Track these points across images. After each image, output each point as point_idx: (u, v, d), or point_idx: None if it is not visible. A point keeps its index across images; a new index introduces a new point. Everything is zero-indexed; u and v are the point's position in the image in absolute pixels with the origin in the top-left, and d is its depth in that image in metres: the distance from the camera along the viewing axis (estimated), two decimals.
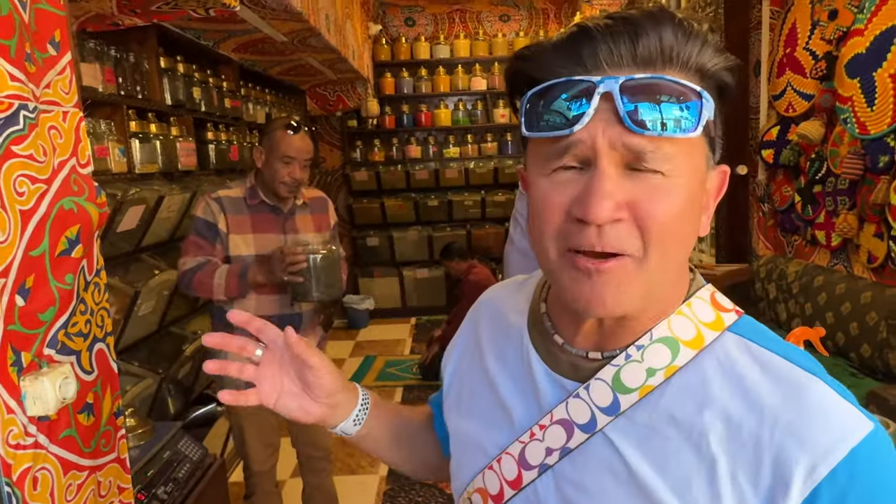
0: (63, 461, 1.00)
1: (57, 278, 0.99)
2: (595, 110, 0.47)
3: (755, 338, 0.53)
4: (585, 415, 0.54)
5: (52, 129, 1.02)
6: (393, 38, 5.59)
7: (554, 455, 0.56)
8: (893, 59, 2.45)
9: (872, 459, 0.46)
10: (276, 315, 1.93)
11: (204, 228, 1.87)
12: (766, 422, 0.48)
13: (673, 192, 0.48)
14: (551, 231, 0.51)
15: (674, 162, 0.48)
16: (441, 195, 5.61)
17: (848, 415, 0.48)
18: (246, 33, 2.90)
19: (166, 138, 2.41)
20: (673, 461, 0.50)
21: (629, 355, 0.54)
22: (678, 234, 0.49)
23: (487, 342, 0.67)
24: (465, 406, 0.67)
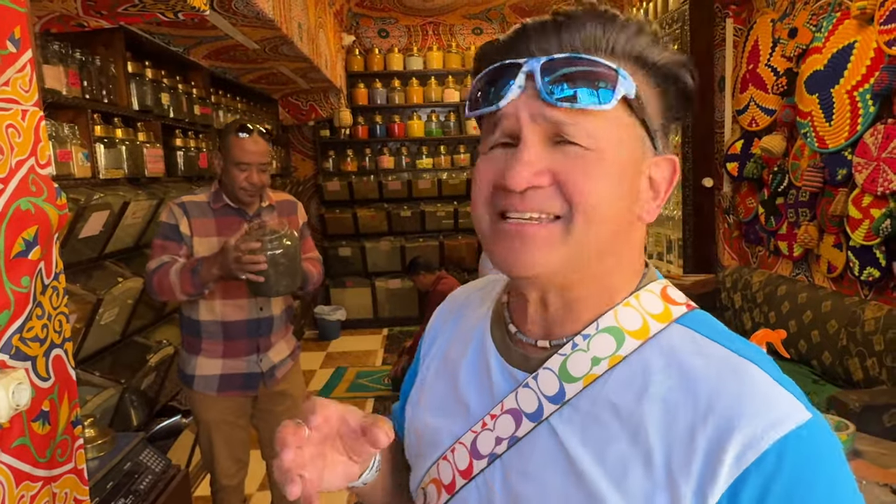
0: (15, 471, 0.96)
1: (12, 280, 0.96)
2: (521, 88, 0.51)
3: (702, 329, 0.54)
4: (533, 404, 0.55)
5: (9, 128, 0.99)
6: (366, 48, 5.60)
7: (503, 444, 0.56)
8: (850, 76, 2.55)
9: (804, 448, 0.46)
10: (244, 320, 1.89)
11: (168, 230, 1.84)
12: (701, 409, 0.49)
13: (594, 164, 0.50)
14: (482, 200, 0.54)
15: (594, 136, 0.50)
16: (414, 206, 5.61)
17: (784, 402, 0.48)
18: (217, 40, 2.88)
19: (133, 144, 2.37)
20: (611, 449, 0.51)
21: (575, 344, 0.55)
22: (604, 205, 0.51)
23: (451, 339, 0.68)
24: (426, 400, 0.67)
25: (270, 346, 1.96)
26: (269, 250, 1.67)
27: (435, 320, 0.73)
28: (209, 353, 1.90)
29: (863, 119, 2.47)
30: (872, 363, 2.29)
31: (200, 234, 1.85)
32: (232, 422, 1.97)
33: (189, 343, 1.94)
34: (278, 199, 2.01)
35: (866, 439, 1.40)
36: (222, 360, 1.90)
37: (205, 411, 1.94)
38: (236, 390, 1.93)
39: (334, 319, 5.39)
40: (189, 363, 1.93)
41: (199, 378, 1.91)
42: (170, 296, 1.77)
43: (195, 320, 1.89)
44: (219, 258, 1.70)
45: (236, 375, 1.92)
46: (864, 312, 2.39)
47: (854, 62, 2.52)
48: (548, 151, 0.51)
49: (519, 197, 0.51)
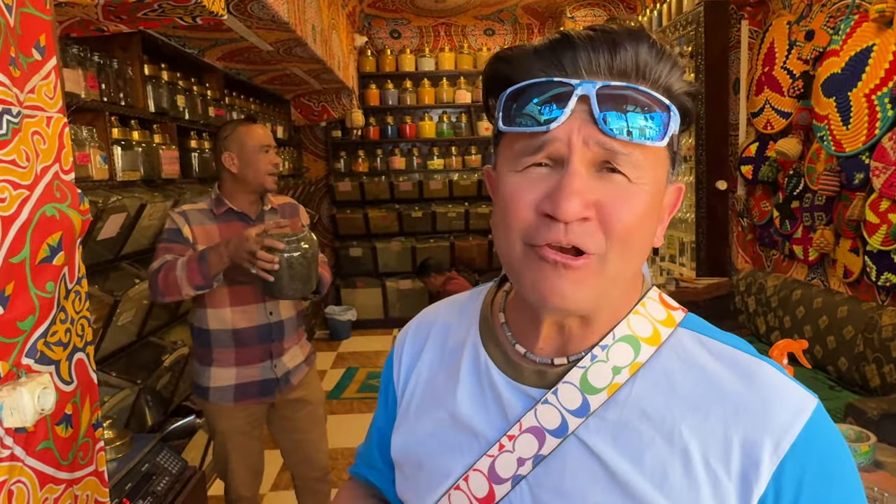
0: (39, 474, 0.98)
1: (37, 286, 0.97)
2: (572, 111, 0.49)
3: (704, 331, 0.57)
4: (556, 419, 0.54)
5: (35, 135, 1.00)
6: (378, 49, 5.61)
7: (526, 464, 0.55)
8: (868, 80, 2.52)
9: (822, 429, 0.51)
10: (254, 326, 1.87)
11: (172, 234, 1.81)
12: (730, 407, 0.51)
13: (637, 197, 0.51)
14: (519, 226, 0.52)
15: (640, 169, 0.50)
16: (425, 206, 5.62)
17: (797, 392, 0.52)
18: (231, 42, 2.89)
19: (149, 146, 2.39)
20: (647, 453, 0.51)
21: (595, 356, 0.55)
22: (638, 239, 0.52)
23: (433, 365, 0.65)
24: (419, 433, 0.63)
25: (284, 352, 1.94)
26: (287, 252, 1.64)
27: (404, 345, 0.69)
28: (222, 363, 1.88)
29: (881, 123, 2.45)
30: (890, 370, 2.26)
31: (204, 241, 1.82)
32: (248, 432, 1.95)
33: (201, 355, 1.91)
34: (279, 203, 2.01)
35: (887, 450, 1.38)
36: (236, 369, 1.88)
37: (221, 422, 1.92)
38: (253, 398, 1.92)
39: (345, 320, 5.41)
40: (203, 375, 1.91)
41: (215, 390, 1.89)
42: (175, 293, 1.70)
43: (205, 330, 1.87)
44: (232, 244, 1.65)
45: (251, 383, 1.90)
46: (881, 318, 2.37)
47: (872, 65, 2.49)
48: (593, 180, 0.50)
49: (564, 229, 0.49)
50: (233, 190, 1.88)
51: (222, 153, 1.86)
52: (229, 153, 1.85)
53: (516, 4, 5.28)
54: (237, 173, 1.86)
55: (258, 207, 1.93)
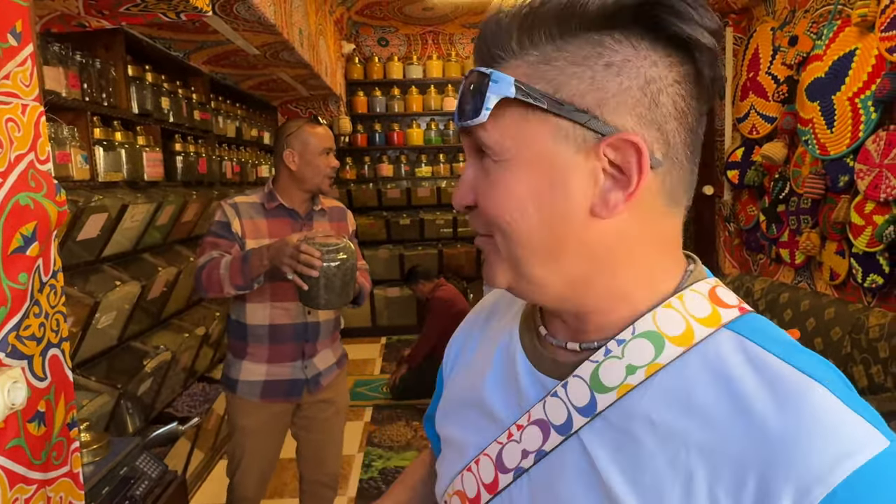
0: (9, 473, 0.93)
1: (9, 276, 0.94)
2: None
3: (756, 337, 0.47)
4: (562, 415, 0.51)
5: (9, 122, 0.97)
6: (366, 57, 5.62)
7: (529, 458, 0.52)
8: (851, 83, 2.55)
9: (882, 483, 0.39)
10: (290, 324, 1.87)
11: (220, 228, 1.82)
12: (754, 432, 0.42)
13: (504, 176, 0.48)
14: None
15: (491, 145, 0.48)
16: (413, 214, 5.60)
17: (855, 428, 0.40)
18: (218, 45, 2.87)
19: (132, 147, 2.35)
20: (646, 470, 0.45)
21: (609, 350, 0.49)
22: (508, 216, 0.48)
23: (478, 346, 0.65)
24: (450, 409, 0.65)
25: (316, 353, 1.93)
26: (325, 261, 1.61)
27: (463, 325, 0.71)
28: (254, 358, 1.88)
29: (864, 126, 2.47)
30: (878, 370, 2.27)
31: (252, 235, 1.83)
32: (268, 431, 1.94)
33: (235, 347, 1.92)
34: (329, 205, 2.02)
35: None
36: (267, 366, 1.88)
37: (244, 416, 1.91)
38: (280, 397, 1.91)
39: None
40: (234, 367, 1.91)
41: (243, 383, 1.88)
42: (217, 291, 1.73)
43: (242, 324, 1.87)
44: (273, 248, 1.66)
45: (280, 382, 1.89)
46: (868, 319, 2.37)
47: (855, 69, 2.52)
48: (478, 172, 0.51)
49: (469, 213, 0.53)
50: (288, 187, 1.89)
51: (284, 150, 1.87)
52: (291, 150, 1.86)
53: None
54: (296, 171, 1.86)
55: (309, 207, 1.94)
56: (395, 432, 3.50)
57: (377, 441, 3.38)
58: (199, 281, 1.75)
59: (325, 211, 1.98)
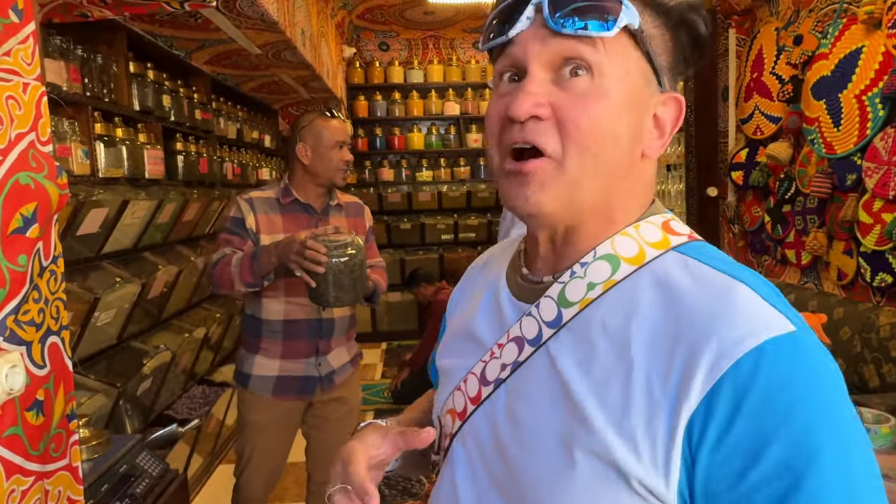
0: (6, 462, 0.90)
1: (8, 258, 0.90)
2: (529, 20, 0.53)
3: (698, 256, 0.55)
4: (534, 330, 0.58)
5: (10, 99, 0.94)
6: (367, 61, 5.61)
7: (507, 370, 0.59)
8: (858, 81, 2.53)
9: (783, 356, 0.46)
10: (304, 320, 1.85)
11: (234, 225, 1.82)
12: (683, 323, 0.49)
13: (595, 97, 0.52)
14: (493, 137, 0.56)
15: (598, 66, 0.52)
16: (413, 218, 5.57)
17: (767, 314, 0.48)
18: (220, 43, 2.85)
19: (133, 144, 2.32)
20: (597, 365, 0.52)
21: (574, 272, 0.57)
22: (600, 139, 0.52)
23: (474, 290, 0.72)
24: (447, 344, 0.71)
25: (330, 350, 1.90)
26: (333, 257, 1.59)
27: (464, 278, 0.78)
28: (268, 353, 1.86)
29: (872, 123, 2.45)
30: (889, 369, 2.23)
31: (267, 231, 1.82)
32: (279, 428, 1.90)
33: (248, 342, 1.90)
34: (346, 201, 1.99)
35: None
36: (280, 362, 1.85)
37: (255, 412, 1.88)
38: (292, 394, 1.88)
39: None
40: (246, 362, 1.89)
41: (256, 378, 1.86)
42: (229, 287, 1.72)
43: (257, 318, 1.85)
44: (280, 245, 1.65)
45: (293, 378, 1.87)
46: (878, 318, 2.34)
47: (862, 67, 2.50)
48: (552, 85, 0.53)
49: (519, 127, 0.53)
50: (302, 181, 1.87)
51: (297, 143, 1.85)
52: (304, 144, 1.84)
53: None
54: (308, 165, 1.84)
55: (325, 202, 1.92)
56: None
57: None
58: (212, 277, 1.75)
59: (342, 206, 1.96)
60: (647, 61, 0.54)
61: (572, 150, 0.52)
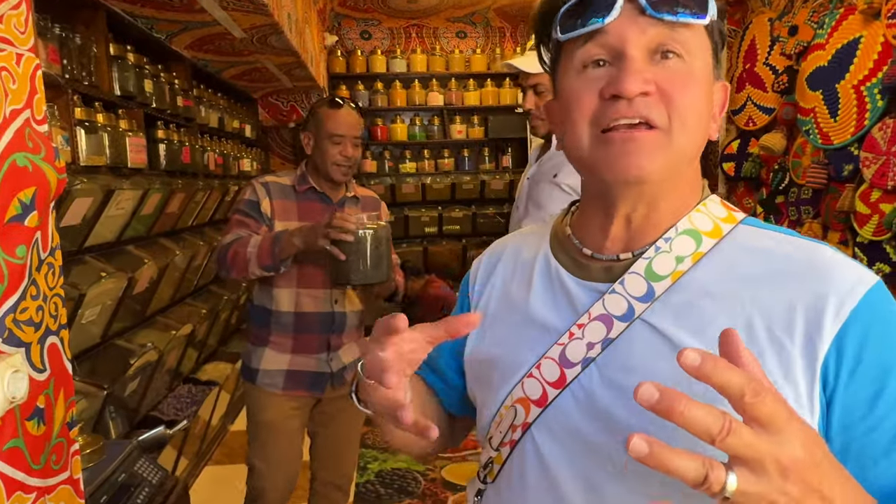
0: (7, 480, 0.80)
1: (6, 250, 0.80)
2: (621, 8, 0.56)
3: (764, 227, 0.62)
4: (622, 306, 0.59)
5: (2, 71, 0.84)
6: (348, 50, 5.48)
7: (596, 348, 0.60)
8: (856, 71, 2.53)
9: (885, 298, 0.55)
10: (316, 313, 1.77)
11: (249, 207, 1.74)
12: (792, 277, 0.56)
13: (690, 75, 0.57)
14: (587, 115, 0.58)
15: (690, 50, 0.57)
16: (397, 211, 5.47)
17: (858, 267, 0.56)
18: (203, 26, 2.72)
19: (115, 130, 2.19)
20: (710, 327, 0.55)
21: (658, 247, 0.60)
22: (696, 116, 0.57)
23: (508, 278, 0.72)
24: (493, 335, 0.70)
25: (341, 345, 1.83)
26: (360, 229, 1.56)
27: (478, 271, 0.77)
28: (277, 347, 1.78)
29: (870, 114, 2.46)
30: None
31: (281, 217, 1.74)
32: (291, 425, 1.82)
33: (256, 335, 1.81)
34: (362, 194, 1.92)
35: None
36: (290, 356, 1.77)
37: (265, 410, 1.79)
38: (303, 389, 1.80)
39: None
40: (254, 355, 1.80)
41: (264, 372, 1.77)
42: (243, 270, 1.64)
43: (267, 309, 1.77)
44: (305, 228, 1.60)
45: (304, 373, 1.78)
46: None
47: (860, 57, 2.50)
48: (650, 65, 0.57)
49: (626, 104, 0.55)
50: (313, 171, 1.82)
51: (303, 131, 1.80)
52: (307, 133, 1.79)
53: (489, 7, 5.24)
54: (311, 155, 1.80)
55: (341, 193, 1.85)
56: None
57: (371, 443, 3.25)
58: (223, 259, 1.66)
59: (359, 199, 1.89)
60: (713, 50, 0.60)
61: (677, 123, 0.56)
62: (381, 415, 0.60)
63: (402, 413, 0.55)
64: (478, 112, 5.53)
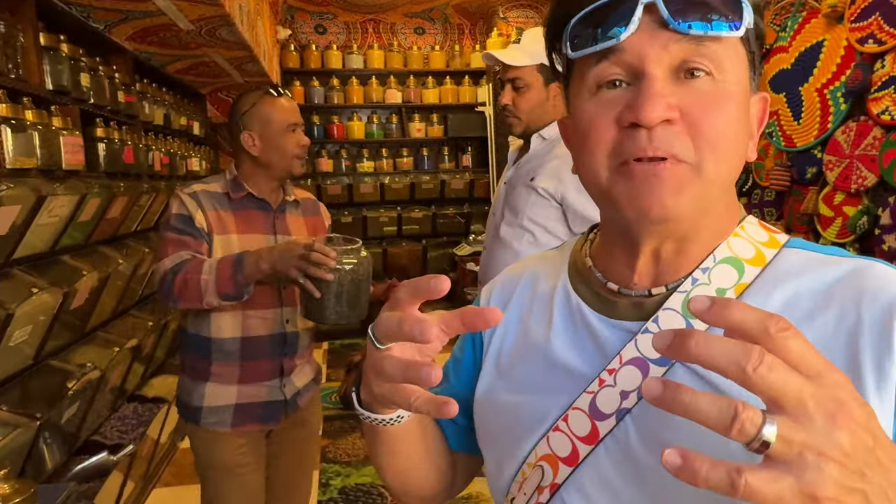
0: None
1: None
2: (639, 20, 0.49)
3: (810, 248, 0.55)
4: None
5: None
6: (302, 44, 5.29)
7: (631, 397, 0.53)
8: (820, 74, 2.55)
9: None
10: (266, 336, 1.58)
11: (182, 223, 1.51)
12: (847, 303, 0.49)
13: (722, 96, 0.50)
14: (603, 146, 0.51)
15: (721, 65, 0.49)
16: (355, 211, 5.33)
17: None
18: (146, 16, 2.52)
19: (47, 129, 1.98)
20: None
21: (696, 279, 0.54)
22: (730, 141, 0.50)
23: (525, 314, 0.65)
24: (510, 380, 0.63)
25: (294, 368, 1.65)
26: (339, 263, 1.38)
27: (490, 295, 0.70)
28: (221, 379, 1.57)
29: (833, 117, 2.47)
30: None
31: (219, 230, 1.54)
32: (248, 464, 1.63)
33: (194, 368, 1.59)
34: (301, 197, 1.74)
35: None
36: (238, 387, 1.57)
37: (216, 453, 1.59)
38: (255, 422, 1.61)
39: None
40: (194, 393, 1.58)
41: (209, 411, 1.56)
42: (194, 301, 1.44)
43: (205, 338, 1.55)
44: (277, 250, 1.41)
45: (255, 405, 1.59)
46: None
47: (824, 60, 2.52)
48: (674, 86, 0.49)
49: (647, 135, 0.49)
50: (252, 174, 1.61)
51: (241, 132, 1.57)
52: (249, 132, 1.57)
53: (447, 3, 5.14)
54: (259, 156, 1.58)
55: (280, 196, 1.66)
56: (351, 446, 3.24)
57: (332, 457, 3.11)
58: (167, 289, 1.45)
59: (299, 202, 1.71)
60: (749, 60, 0.53)
61: (707, 153, 0.49)
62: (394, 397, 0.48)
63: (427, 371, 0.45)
64: (437, 110, 5.43)
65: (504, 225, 1.78)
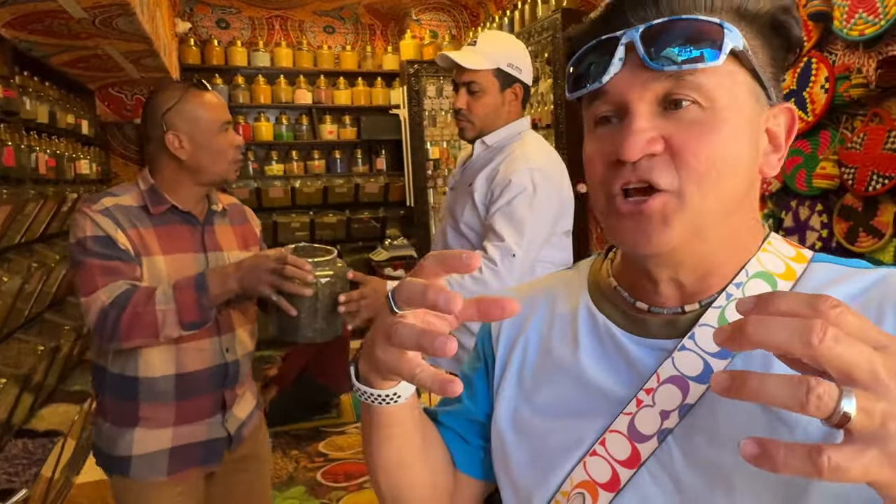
0: None
1: None
2: (621, 61, 0.51)
3: (839, 262, 0.56)
4: (697, 366, 0.52)
5: None
6: (203, 39, 4.95)
7: (672, 417, 0.52)
8: None
9: None
10: (205, 370, 1.39)
11: (104, 246, 1.29)
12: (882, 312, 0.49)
13: (710, 123, 0.50)
14: (597, 180, 0.54)
15: (706, 92, 0.49)
16: (265, 216, 5.05)
17: None
18: (29, 1, 2.23)
19: None
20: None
21: (730, 294, 0.54)
22: (722, 164, 0.50)
23: (545, 334, 0.64)
24: (536, 403, 0.61)
25: (236, 399, 1.46)
26: (316, 280, 1.26)
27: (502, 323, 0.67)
28: (152, 423, 1.36)
29: None
30: None
31: (144, 252, 1.33)
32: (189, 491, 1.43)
33: (118, 413, 1.37)
34: (228, 203, 1.55)
35: None
36: (173, 430, 1.37)
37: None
38: (194, 465, 1.41)
39: None
40: (119, 441, 1.36)
41: (139, 460, 1.34)
42: (148, 337, 1.25)
43: (130, 378, 1.33)
44: (245, 265, 1.25)
45: (193, 446, 1.40)
46: None
47: None
48: (660, 118, 0.51)
49: (631, 168, 0.50)
50: (176, 182, 1.40)
51: (163, 133, 1.35)
52: (174, 133, 1.35)
53: (358, 2, 5.02)
54: (187, 160, 1.37)
55: (205, 207, 1.46)
56: (273, 467, 3.06)
57: None
58: (111, 329, 1.25)
59: (226, 210, 1.53)
60: (754, 78, 0.52)
61: (691, 182, 0.50)
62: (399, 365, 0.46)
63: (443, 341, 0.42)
64: (349, 112, 5.29)
65: (450, 229, 1.76)
